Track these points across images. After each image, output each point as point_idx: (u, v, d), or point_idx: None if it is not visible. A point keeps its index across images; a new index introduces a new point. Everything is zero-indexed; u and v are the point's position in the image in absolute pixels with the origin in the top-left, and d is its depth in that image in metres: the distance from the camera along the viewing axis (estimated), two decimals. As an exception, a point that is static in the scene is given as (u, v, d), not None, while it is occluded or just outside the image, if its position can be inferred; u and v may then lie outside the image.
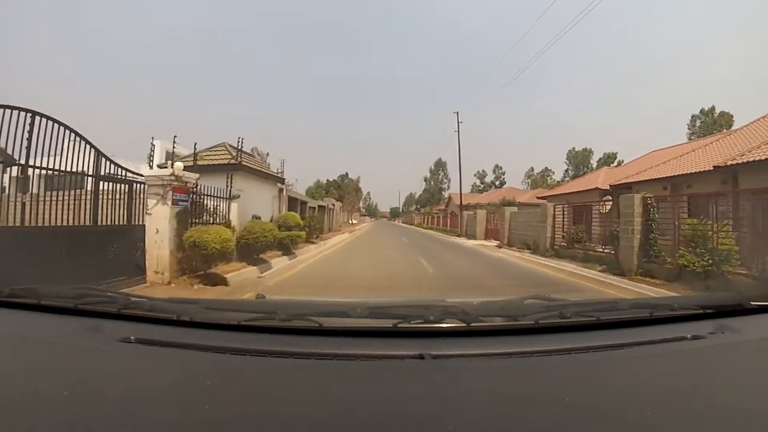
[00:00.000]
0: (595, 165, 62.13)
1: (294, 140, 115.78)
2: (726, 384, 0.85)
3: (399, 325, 1.00)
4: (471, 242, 18.62)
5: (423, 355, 0.88)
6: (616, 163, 57.17)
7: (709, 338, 1.03)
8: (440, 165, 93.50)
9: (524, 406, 0.74)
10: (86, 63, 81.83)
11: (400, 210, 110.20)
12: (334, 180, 60.87)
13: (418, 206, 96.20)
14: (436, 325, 1.01)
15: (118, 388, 0.79)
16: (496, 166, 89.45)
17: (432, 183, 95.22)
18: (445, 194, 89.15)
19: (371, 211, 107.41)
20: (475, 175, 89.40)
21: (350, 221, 49.98)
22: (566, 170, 67.89)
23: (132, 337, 0.96)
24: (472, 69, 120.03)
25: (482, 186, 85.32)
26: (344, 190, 57.36)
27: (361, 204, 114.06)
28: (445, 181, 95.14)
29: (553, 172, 73.17)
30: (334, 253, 12.26)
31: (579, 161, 65.92)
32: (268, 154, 55.27)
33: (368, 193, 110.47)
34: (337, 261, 10.30)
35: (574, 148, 67.83)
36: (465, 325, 1.01)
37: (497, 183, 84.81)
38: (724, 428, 0.68)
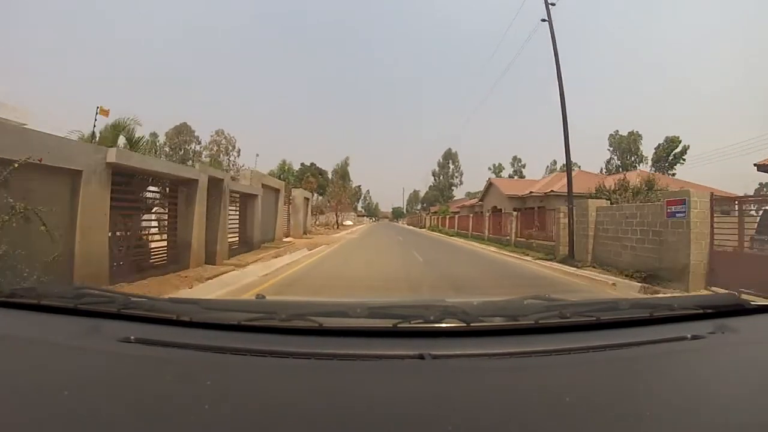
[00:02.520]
0: (649, 153, 53.28)
1: (291, 139, 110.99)
2: (726, 384, 0.85)
3: (399, 325, 1.00)
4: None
5: (423, 355, 0.88)
6: (680, 149, 49.06)
7: (709, 338, 1.03)
8: (450, 156, 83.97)
9: (524, 406, 0.74)
10: (82, 60, 77.08)
11: (404, 209, 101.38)
12: (313, 164, 46.09)
13: (424, 205, 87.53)
14: (436, 325, 1.01)
15: (118, 388, 0.79)
16: (515, 158, 79.98)
17: (441, 177, 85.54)
18: (456, 191, 79.00)
19: (371, 211, 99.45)
20: (489, 169, 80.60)
21: (336, 223, 38.71)
22: (609, 159, 57.22)
23: (132, 337, 0.96)
24: (475, 66, 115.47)
25: None
26: (328, 179, 44.82)
27: (359, 203, 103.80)
28: (456, 175, 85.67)
29: (579, 166, 66.32)
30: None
31: (624, 147, 55.74)
32: (235, 142, 44.68)
33: (368, 191, 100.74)
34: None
35: (617, 132, 57.09)
36: (465, 325, 1.01)
37: (516, 178, 79.25)
38: (724, 428, 0.68)
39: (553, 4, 11.80)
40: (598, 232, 10.06)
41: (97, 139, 10.29)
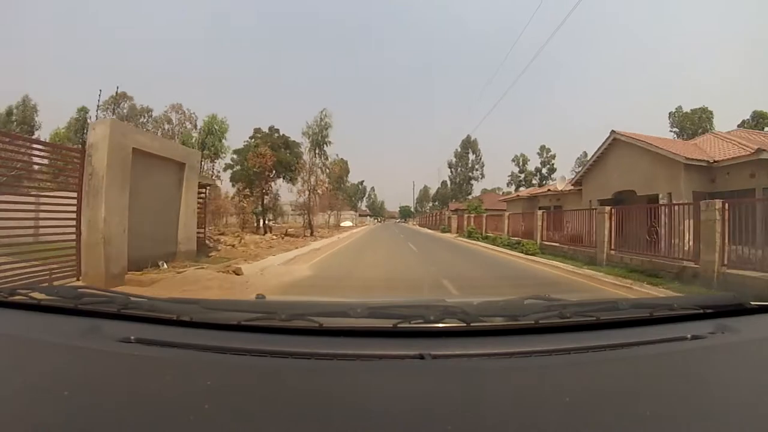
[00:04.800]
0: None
1: (291, 135, 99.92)
2: (726, 384, 0.85)
3: (399, 325, 0.99)
4: None
5: (423, 355, 0.87)
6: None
7: (709, 338, 1.02)
8: (469, 145, 71.40)
9: (524, 406, 0.73)
10: (84, 57, 72.08)
11: (413, 208, 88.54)
12: (275, 129, 25.24)
13: (436, 202, 76.36)
14: (436, 325, 0.99)
15: (118, 388, 0.79)
16: (543, 147, 67.83)
17: (459, 169, 72.10)
18: (476, 185, 66.65)
19: (376, 210, 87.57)
20: (513, 161, 68.57)
21: (309, 227, 24.24)
22: None
23: (132, 337, 0.95)
24: (479, 63, 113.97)
25: (523, 176, 66.22)
26: (296, 153, 24.80)
27: (363, 202, 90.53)
28: (477, 166, 72.08)
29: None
30: None
31: (689, 127, 45.48)
32: (196, 119, 31.28)
33: (372, 188, 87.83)
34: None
35: (680, 108, 47.01)
36: (465, 324, 1.00)
37: (545, 171, 65.75)
38: (724, 428, 0.67)
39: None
40: None
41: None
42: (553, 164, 63.46)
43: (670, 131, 46.37)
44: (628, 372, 0.87)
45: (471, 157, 70.77)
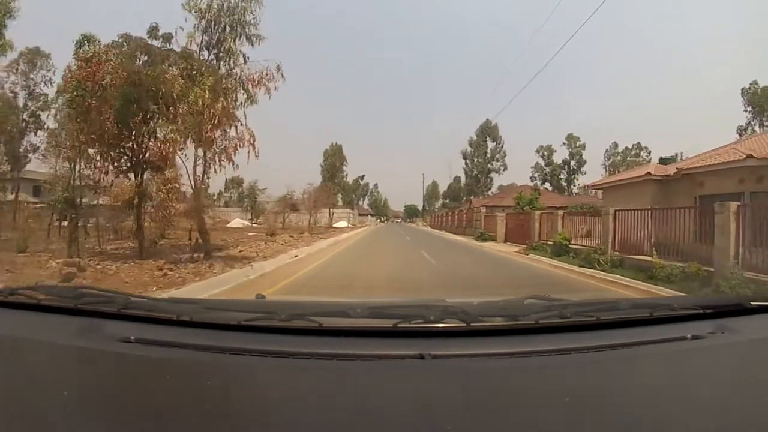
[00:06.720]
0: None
1: (292, 138, 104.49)
2: (726, 384, 0.84)
3: (399, 325, 1.00)
4: None
5: (423, 355, 0.88)
6: None
7: (709, 338, 1.02)
8: (488, 131, 60.89)
9: (524, 406, 0.73)
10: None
11: (422, 207, 78.40)
12: (166, 37, 8.96)
13: (446, 200, 68.94)
14: (436, 325, 1.00)
15: (118, 388, 0.79)
16: (570, 136, 58.03)
17: (476, 160, 61.62)
18: (496, 178, 59.00)
19: (379, 209, 79.30)
20: (537, 152, 58.15)
21: (203, 233, 9.63)
22: (747, 124, 39.65)
23: (132, 337, 0.96)
24: (481, 62, 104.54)
25: (549, 169, 59.83)
26: (213, 88, 7.64)
27: (365, 200, 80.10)
28: (497, 156, 61.57)
29: (650, 151, 50.31)
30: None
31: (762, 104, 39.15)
32: None
33: (375, 186, 78.67)
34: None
35: (755, 83, 39.87)
36: (465, 324, 1.00)
37: (574, 163, 59.44)
38: (724, 428, 0.68)
39: None
40: None
41: None
42: (582, 155, 57.12)
43: (745, 111, 40.37)
44: (628, 372, 0.88)
45: (490, 145, 59.96)
